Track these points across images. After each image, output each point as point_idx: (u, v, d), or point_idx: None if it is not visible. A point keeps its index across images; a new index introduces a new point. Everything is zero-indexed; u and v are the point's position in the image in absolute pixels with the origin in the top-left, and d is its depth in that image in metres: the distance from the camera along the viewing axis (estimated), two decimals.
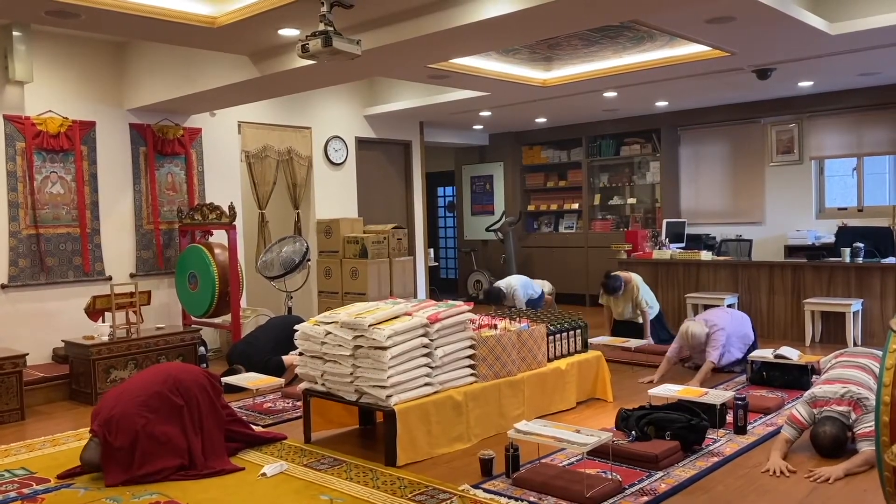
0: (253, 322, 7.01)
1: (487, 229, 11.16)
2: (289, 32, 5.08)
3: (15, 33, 5.85)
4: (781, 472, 3.70)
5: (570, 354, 5.18)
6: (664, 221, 9.02)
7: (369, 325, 4.00)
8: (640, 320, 6.87)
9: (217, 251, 6.52)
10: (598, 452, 3.72)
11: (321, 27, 4.13)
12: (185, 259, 6.72)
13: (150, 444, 3.87)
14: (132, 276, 6.70)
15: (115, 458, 3.84)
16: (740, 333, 5.81)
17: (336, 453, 4.19)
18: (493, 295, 7.70)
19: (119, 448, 3.84)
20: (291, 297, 7.26)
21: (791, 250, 8.19)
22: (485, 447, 4.03)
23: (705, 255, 7.93)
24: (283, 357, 5.97)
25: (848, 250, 6.96)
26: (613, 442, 3.79)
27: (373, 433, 4.64)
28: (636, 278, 6.94)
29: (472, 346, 4.39)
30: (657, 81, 7.20)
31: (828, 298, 6.97)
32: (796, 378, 5.36)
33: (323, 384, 4.28)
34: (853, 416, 3.81)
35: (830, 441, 3.83)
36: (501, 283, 7.93)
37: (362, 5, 4.49)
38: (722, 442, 4.21)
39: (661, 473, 3.71)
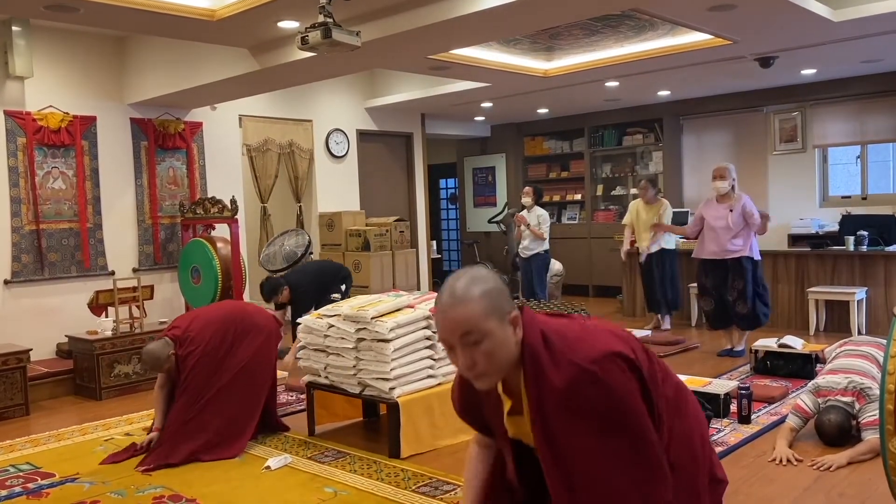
0: None
1: (490, 221, 11.14)
2: (288, 24, 5.06)
3: (14, 28, 5.83)
4: (788, 461, 3.70)
5: None
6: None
7: (372, 318, 4.00)
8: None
9: (219, 245, 6.52)
10: None
11: (320, 19, 4.11)
12: (187, 253, 6.72)
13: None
14: (135, 270, 6.70)
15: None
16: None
17: (340, 446, 4.20)
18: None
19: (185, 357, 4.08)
20: None
21: (795, 239, 8.16)
22: None
23: None
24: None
25: (852, 238, 6.93)
26: None
27: (376, 425, 4.64)
28: (665, 206, 7.21)
29: None
30: (659, 70, 7.17)
31: (832, 287, 6.95)
32: (800, 367, 5.34)
33: (326, 377, 4.28)
34: (857, 405, 3.80)
35: (835, 429, 3.82)
36: None
37: None
38: (726, 431, 4.20)
39: None
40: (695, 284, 6.85)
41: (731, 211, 5.98)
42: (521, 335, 1.67)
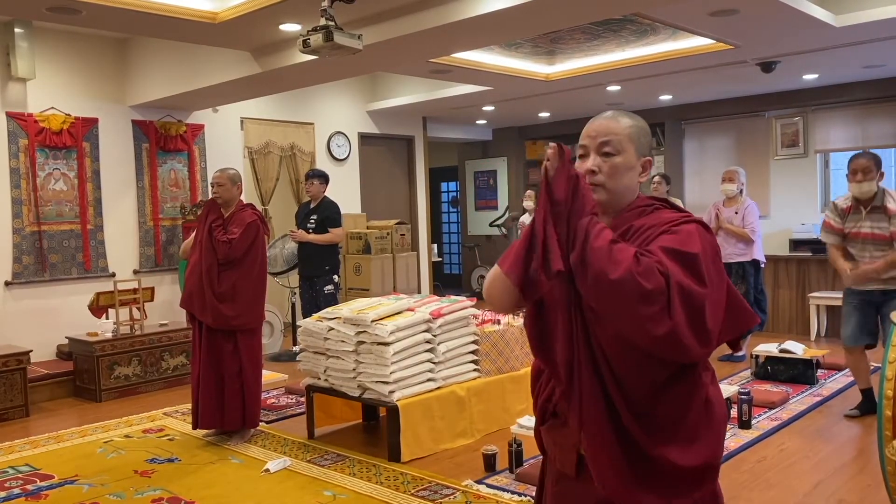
0: None
1: (491, 224, 11.14)
2: (290, 27, 5.07)
3: (17, 30, 5.84)
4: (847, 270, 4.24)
5: None
6: None
7: (372, 321, 4.00)
8: None
9: None
10: None
11: (322, 22, 4.11)
12: None
13: None
14: (135, 272, 6.69)
15: None
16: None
17: (339, 449, 4.19)
18: None
19: None
20: (295, 293, 7.25)
21: (796, 244, 8.14)
22: (488, 442, 4.02)
23: None
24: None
25: None
26: None
27: (376, 428, 4.64)
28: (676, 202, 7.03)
29: (474, 342, 4.38)
30: (661, 75, 7.16)
31: (833, 292, 6.94)
32: (801, 372, 5.34)
33: (326, 380, 4.28)
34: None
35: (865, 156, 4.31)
36: None
37: (363, 0, 4.47)
38: (727, 436, 4.18)
39: None
40: None
41: (736, 213, 6.08)
42: (644, 181, 1.74)
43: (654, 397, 1.54)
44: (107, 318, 5.93)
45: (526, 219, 7.81)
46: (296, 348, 5.02)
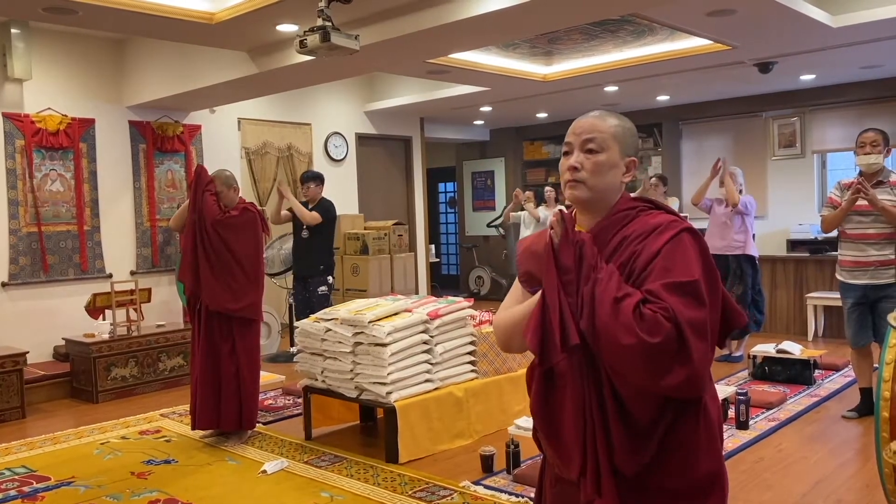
0: None
1: (489, 225, 11.13)
2: (287, 28, 5.06)
3: (13, 31, 5.83)
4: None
5: None
6: None
7: (369, 322, 3.99)
8: None
9: None
10: None
11: (319, 22, 4.10)
12: None
13: None
14: (132, 273, 6.68)
15: None
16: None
17: (337, 450, 4.18)
18: None
19: None
20: (292, 294, 7.24)
21: (793, 244, 8.15)
22: (486, 443, 4.02)
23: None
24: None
25: None
26: None
27: (373, 430, 4.63)
28: (674, 202, 7.10)
29: (472, 343, 4.38)
30: (658, 75, 7.16)
31: (830, 293, 6.95)
32: (799, 372, 5.34)
33: (323, 381, 4.27)
34: None
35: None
36: None
37: (360, 0, 4.46)
38: (724, 437, 4.18)
39: None
40: None
41: (731, 209, 6.15)
42: (628, 182, 1.72)
43: (660, 433, 1.55)
44: (104, 319, 5.92)
45: (526, 216, 7.83)
46: (293, 349, 5.02)
